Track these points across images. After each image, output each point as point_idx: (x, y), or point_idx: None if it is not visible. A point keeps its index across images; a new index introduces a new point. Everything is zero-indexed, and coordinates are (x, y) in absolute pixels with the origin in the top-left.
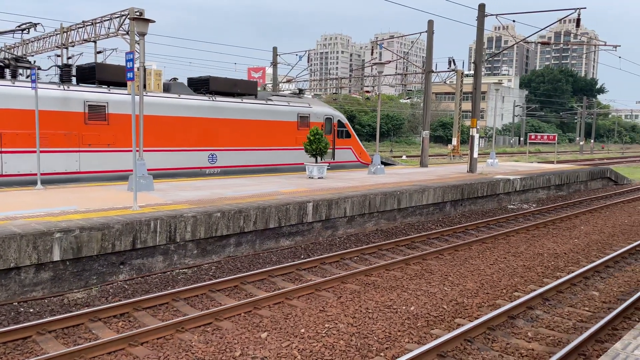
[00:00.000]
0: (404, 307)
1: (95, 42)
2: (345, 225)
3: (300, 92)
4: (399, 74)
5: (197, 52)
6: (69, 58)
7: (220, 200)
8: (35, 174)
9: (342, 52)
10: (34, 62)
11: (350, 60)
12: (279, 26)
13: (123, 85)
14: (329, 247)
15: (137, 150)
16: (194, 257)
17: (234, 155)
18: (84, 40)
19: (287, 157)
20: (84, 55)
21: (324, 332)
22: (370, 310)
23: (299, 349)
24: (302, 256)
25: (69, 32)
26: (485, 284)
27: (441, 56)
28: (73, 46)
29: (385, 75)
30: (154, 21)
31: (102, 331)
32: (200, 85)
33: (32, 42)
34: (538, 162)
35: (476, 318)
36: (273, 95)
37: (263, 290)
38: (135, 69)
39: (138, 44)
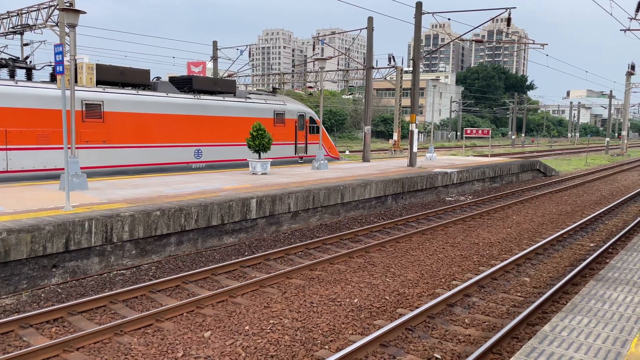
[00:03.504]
0: (347, 300)
1: (21, 33)
2: (289, 220)
3: (274, 90)
4: (340, 70)
5: (132, 45)
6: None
7: (160, 198)
8: (40, 170)
9: (284, 47)
10: (31, 62)
11: (293, 55)
12: (219, 20)
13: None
14: (274, 243)
15: (69, 148)
16: (132, 257)
17: (218, 151)
18: (9, 31)
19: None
20: (9, 48)
21: (268, 328)
22: (314, 304)
23: (243, 346)
24: (246, 253)
25: None
26: (425, 274)
27: (382, 52)
28: None
29: (328, 71)
30: (84, 12)
31: (34, 338)
32: (183, 84)
33: None
34: (474, 156)
35: (417, 307)
36: (251, 94)
37: (206, 289)
38: (66, 62)
39: (68, 36)
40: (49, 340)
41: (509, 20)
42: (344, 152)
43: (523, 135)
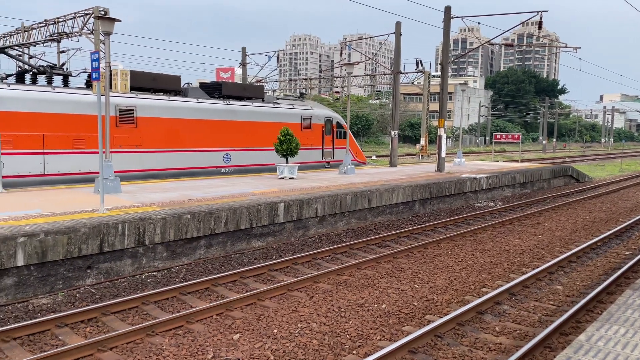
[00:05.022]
0: (375, 305)
1: (58, 41)
2: (316, 225)
3: (301, 96)
4: (367, 75)
5: (163, 52)
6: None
7: (190, 201)
8: (75, 173)
9: (311, 52)
10: (67, 69)
11: (320, 60)
12: (247, 27)
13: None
14: (301, 247)
15: (104, 152)
16: (163, 259)
17: (246, 155)
18: (47, 39)
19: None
20: (46, 55)
21: (296, 332)
22: (342, 309)
23: (272, 350)
24: (274, 257)
25: (30, 31)
26: (454, 281)
27: (409, 57)
28: (35, 45)
29: (355, 76)
30: (119, 20)
31: (69, 337)
32: (213, 90)
33: None
34: (503, 161)
35: (446, 314)
36: (279, 99)
37: (235, 291)
38: (101, 69)
39: (103, 43)
40: (83, 340)
41: (540, 23)
42: (371, 157)
43: (554, 140)
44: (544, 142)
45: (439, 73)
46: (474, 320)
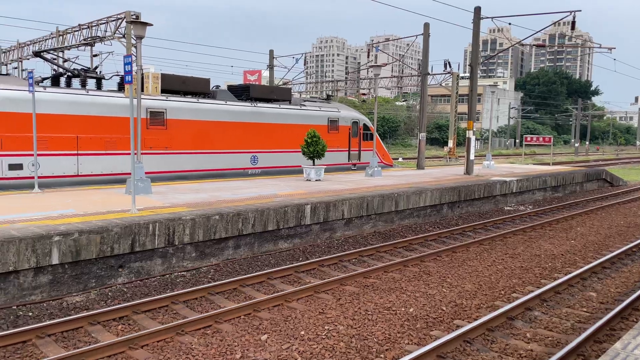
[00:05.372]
0: (403, 309)
1: (92, 45)
2: (343, 227)
3: (328, 98)
4: (394, 77)
5: (192, 55)
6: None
7: (219, 202)
8: (106, 174)
9: (338, 54)
10: (100, 72)
11: (346, 62)
12: (275, 29)
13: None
14: (327, 250)
15: (135, 153)
16: (192, 260)
17: (273, 157)
18: (81, 43)
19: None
20: (79, 58)
21: (323, 334)
22: (369, 312)
23: (299, 351)
24: (301, 258)
25: (64, 36)
26: (484, 286)
27: (437, 58)
28: (69, 49)
29: (382, 77)
30: (151, 24)
31: (101, 334)
32: (241, 92)
33: (27, 45)
34: (534, 164)
35: (475, 319)
36: (305, 101)
37: (262, 292)
38: (133, 72)
39: (135, 47)
40: (115, 337)
41: (573, 23)
42: (397, 159)
43: (587, 143)
44: (577, 144)
45: (467, 74)
46: (504, 326)
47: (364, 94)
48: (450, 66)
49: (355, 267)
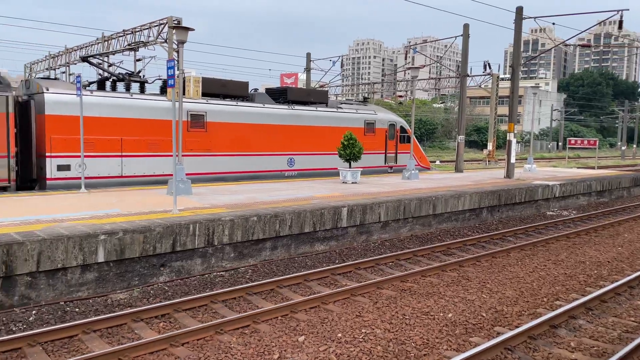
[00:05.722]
0: (441, 314)
1: (135, 50)
2: (379, 230)
3: (365, 100)
4: (432, 78)
5: (231, 58)
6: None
7: (256, 204)
8: (148, 175)
9: (374, 56)
10: (143, 76)
11: (383, 65)
12: (311, 32)
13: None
14: (364, 252)
15: (177, 155)
16: (231, 260)
17: (310, 159)
18: (125, 48)
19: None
20: (123, 63)
21: (361, 337)
22: (407, 317)
23: (336, 354)
24: (337, 261)
25: (110, 41)
26: (525, 292)
27: (476, 59)
28: (113, 54)
29: (419, 79)
30: (193, 29)
31: (144, 331)
32: (279, 95)
33: (74, 50)
34: (577, 168)
35: (516, 327)
36: (342, 103)
37: (299, 294)
38: (176, 76)
39: (176, 51)
40: (157, 335)
41: (620, 23)
42: (435, 162)
43: (634, 146)
44: (623, 147)
45: (508, 76)
46: (547, 334)
47: (400, 96)
48: (490, 67)
49: (392, 271)
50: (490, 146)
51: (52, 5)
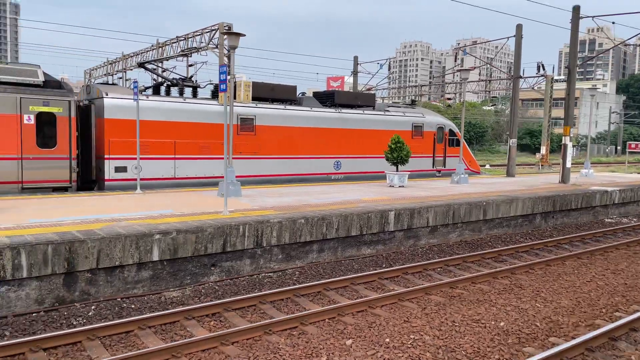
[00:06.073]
0: (492, 322)
1: (188, 56)
2: (427, 235)
3: (413, 103)
4: (482, 80)
5: (279, 63)
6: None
7: (304, 207)
8: (199, 177)
9: (422, 59)
10: (196, 81)
11: (430, 67)
12: (358, 35)
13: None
14: (411, 257)
15: (228, 158)
16: (278, 261)
17: (356, 162)
18: (179, 54)
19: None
20: (176, 68)
21: (409, 342)
22: (456, 324)
23: (384, 358)
24: (384, 265)
25: (164, 47)
26: (582, 302)
27: (528, 61)
28: (167, 60)
29: (469, 81)
30: (244, 35)
31: (195, 329)
32: (326, 98)
33: (131, 56)
34: (638, 173)
35: (573, 338)
36: (389, 106)
37: (346, 297)
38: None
39: (227, 57)
40: (208, 333)
41: None
42: (484, 166)
43: None
44: None
45: (562, 77)
46: (606, 346)
47: (449, 99)
48: (543, 69)
49: (441, 277)
50: (543, 150)
51: (110, 14)
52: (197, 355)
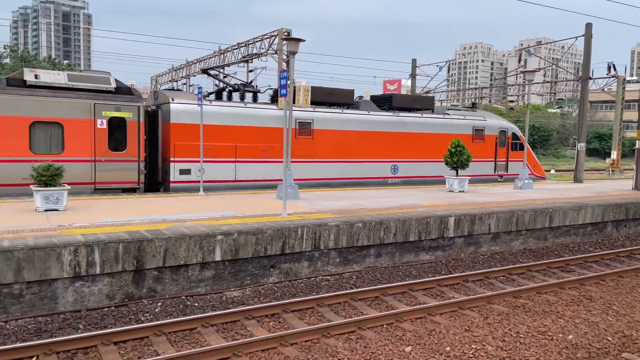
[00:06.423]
0: (560, 335)
1: (248, 62)
2: (489, 242)
3: (473, 105)
4: (547, 82)
5: (335, 67)
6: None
7: (361, 210)
8: (258, 180)
9: (483, 60)
10: (256, 86)
11: (492, 69)
12: (415, 38)
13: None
14: (472, 265)
15: (287, 161)
16: (336, 265)
17: (413, 166)
18: (240, 60)
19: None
20: (237, 74)
21: (470, 352)
22: (521, 335)
23: None
24: (443, 272)
25: (225, 54)
26: None
27: (596, 61)
28: (229, 66)
29: (534, 83)
30: (304, 40)
31: (255, 329)
32: (384, 102)
33: (194, 63)
34: None
35: None
36: (449, 109)
37: (404, 303)
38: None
39: (286, 62)
40: (267, 333)
41: None
42: (549, 171)
43: None
44: None
45: (635, 78)
46: None
47: (511, 101)
48: (614, 69)
49: (504, 286)
50: (614, 154)
51: (174, 22)
52: (257, 355)
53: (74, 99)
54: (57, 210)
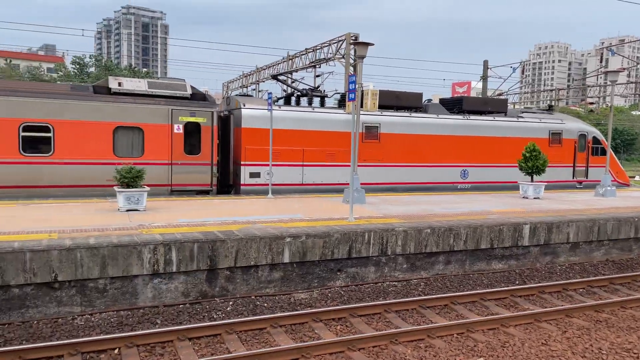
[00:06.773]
0: None
1: (315, 67)
2: (567, 252)
3: (550, 108)
4: (631, 82)
5: (403, 70)
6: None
7: (430, 216)
8: (325, 184)
9: (559, 60)
10: (323, 90)
11: (569, 69)
12: (486, 39)
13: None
14: (548, 275)
15: (354, 165)
16: (403, 271)
17: (484, 171)
18: (308, 65)
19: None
20: (304, 79)
21: None
22: (603, 351)
23: None
24: (517, 282)
25: (293, 59)
26: None
27: None
28: (297, 71)
29: (618, 84)
30: (372, 44)
31: (323, 332)
32: (453, 105)
33: (264, 69)
34: None
35: None
36: (523, 112)
37: (475, 313)
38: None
39: (353, 66)
40: (335, 336)
41: None
42: (634, 177)
43: None
44: None
45: None
46: None
47: (591, 103)
48: None
49: (584, 299)
50: None
51: (243, 30)
52: (325, 358)
53: (153, 105)
54: (138, 210)
